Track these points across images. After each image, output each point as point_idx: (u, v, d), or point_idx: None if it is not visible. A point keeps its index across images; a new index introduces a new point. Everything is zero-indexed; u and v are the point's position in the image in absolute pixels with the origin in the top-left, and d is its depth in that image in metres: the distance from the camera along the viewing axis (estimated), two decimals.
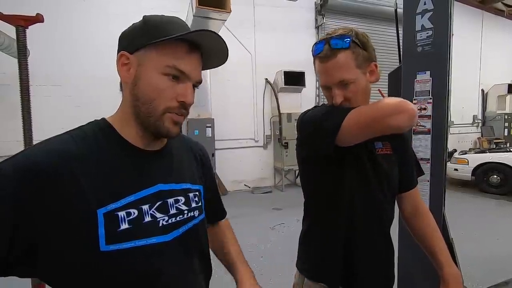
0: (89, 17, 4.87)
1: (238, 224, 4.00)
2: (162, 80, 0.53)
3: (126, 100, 0.57)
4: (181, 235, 0.59)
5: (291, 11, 6.45)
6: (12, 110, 4.33)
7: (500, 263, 2.78)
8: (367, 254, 0.88)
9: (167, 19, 0.56)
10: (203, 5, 3.67)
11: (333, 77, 0.80)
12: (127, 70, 0.55)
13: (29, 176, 0.44)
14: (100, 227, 0.47)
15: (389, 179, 0.90)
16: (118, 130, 0.56)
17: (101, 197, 0.49)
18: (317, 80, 6.83)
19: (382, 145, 0.91)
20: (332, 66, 0.79)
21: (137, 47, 0.54)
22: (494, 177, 5.35)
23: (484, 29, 9.49)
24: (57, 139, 0.51)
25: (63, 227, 0.46)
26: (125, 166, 0.54)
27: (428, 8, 1.47)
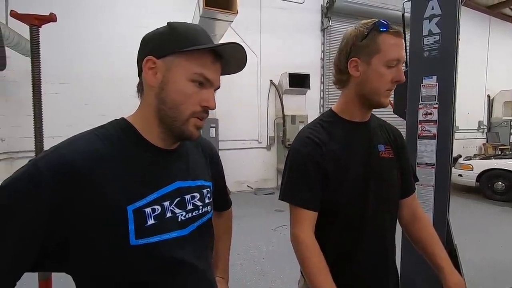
0: (98, 17, 4.92)
1: (241, 225, 4.01)
2: (189, 86, 0.56)
3: (149, 103, 0.58)
4: (197, 229, 0.64)
5: (297, 13, 6.46)
6: (20, 107, 4.39)
7: (504, 270, 2.76)
8: (370, 259, 0.88)
9: (193, 28, 0.58)
10: (210, 6, 3.69)
11: (403, 52, 0.83)
12: (153, 74, 0.56)
13: (65, 176, 0.47)
14: (130, 223, 0.51)
15: (392, 182, 0.90)
16: (139, 130, 0.59)
17: (129, 195, 0.52)
18: (322, 83, 6.84)
19: (384, 148, 0.91)
20: (402, 43, 0.82)
21: (166, 53, 0.56)
22: (499, 184, 5.29)
23: (491, 35, 9.42)
24: (85, 139, 0.53)
25: (96, 224, 0.49)
26: (148, 165, 0.57)
27: (435, 13, 1.47)
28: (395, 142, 0.95)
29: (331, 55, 6.85)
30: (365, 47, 0.81)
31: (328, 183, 0.84)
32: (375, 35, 0.80)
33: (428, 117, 1.53)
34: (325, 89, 6.88)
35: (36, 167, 0.46)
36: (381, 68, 0.80)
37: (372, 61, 0.81)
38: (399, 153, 0.95)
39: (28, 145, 2.83)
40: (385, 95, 0.84)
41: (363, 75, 0.83)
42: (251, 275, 2.71)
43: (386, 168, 0.90)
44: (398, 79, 0.81)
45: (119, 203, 0.51)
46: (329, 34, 6.79)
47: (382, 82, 0.81)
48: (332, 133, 0.88)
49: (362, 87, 0.85)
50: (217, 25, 4.16)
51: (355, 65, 0.84)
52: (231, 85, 5.86)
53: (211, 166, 0.77)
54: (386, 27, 0.80)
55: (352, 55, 0.83)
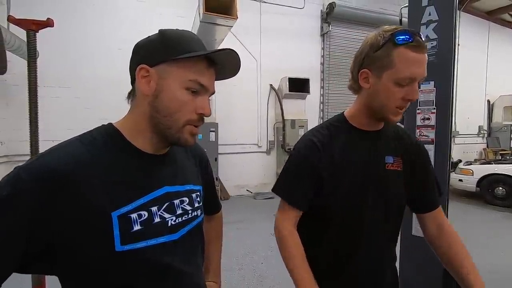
0: (99, 21, 4.97)
1: (240, 230, 3.99)
2: (184, 93, 0.56)
3: (142, 110, 0.58)
4: (187, 234, 0.63)
5: (297, 18, 6.51)
6: (21, 110, 4.40)
7: (504, 276, 2.73)
8: (363, 270, 0.87)
9: (186, 35, 0.58)
10: (210, 11, 3.72)
11: (423, 70, 0.73)
12: (147, 82, 0.56)
13: (46, 182, 0.47)
14: (115, 229, 0.51)
15: (395, 195, 0.87)
16: (127, 136, 0.58)
17: (114, 201, 0.52)
18: (322, 87, 6.86)
19: (393, 160, 0.86)
20: (424, 58, 0.73)
21: (158, 61, 0.55)
22: (500, 189, 5.26)
23: (491, 40, 9.47)
24: (69, 145, 0.53)
25: (81, 230, 0.49)
26: (134, 170, 0.57)
27: (432, 19, 1.48)
28: (410, 155, 0.89)
29: (331, 60, 6.89)
30: (377, 59, 0.75)
31: (323, 187, 0.84)
32: (391, 48, 0.73)
33: (426, 122, 1.53)
34: (325, 93, 6.90)
35: (18, 175, 0.46)
36: (391, 85, 0.74)
37: (383, 76, 0.75)
38: (414, 167, 0.89)
39: (28, 148, 2.85)
40: (393, 112, 0.77)
41: (372, 88, 0.79)
42: (250, 280, 2.69)
43: (391, 181, 0.86)
44: (410, 99, 0.75)
45: (103, 209, 0.50)
46: (328, 39, 6.83)
47: (391, 100, 0.76)
48: (336, 138, 0.87)
49: (371, 100, 0.81)
50: (217, 30, 4.18)
51: (366, 77, 0.79)
52: (231, 90, 5.88)
53: (200, 170, 0.77)
54: (405, 39, 0.72)
55: (364, 65, 0.79)
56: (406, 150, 0.90)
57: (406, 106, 0.78)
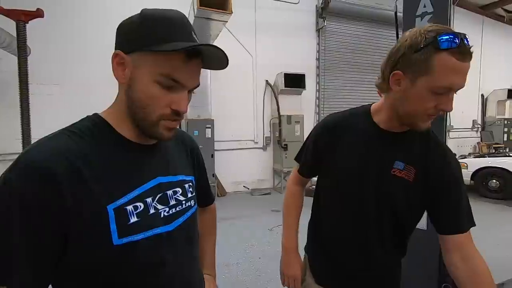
0: (91, 17, 4.89)
1: (237, 225, 4.00)
2: (154, 87, 0.51)
3: (121, 99, 0.55)
4: (181, 224, 0.62)
5: (292, 13, 6.47)
6: (11, 109, 4.33)
7: (497, 267, 2.77)
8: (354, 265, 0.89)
9: (167, 18, 0.52)
10: (204, 6, 3.68)
11: (464, 80, 0.67)
12: (122, 70, 0.53)
13: (35, 180, 0.44)
14: (112, 223, 0.49)
15: (391, 204, 0.82)
16: (114, 126, 0.56)
17: (109, 193, 0.50)
18: (318, 83, 6.85)
19: (403, 167, 0.79)
20: (466, 68, 0.66)
21: (133, 49, 0.51)
22: (493, 182, 5.34)
23: (484, 35, 9.52)
24: (54, 139, 0.50)
25: (77, 225, 0.47)
26: (126, 161, 0.55)
27: (427, 10, 1.48)
28: (430, 165, 0.79)
29: (327, 55, 6.88)
30: (415, 62, 0.67)
31: (323, 167, 0.93)
32: (432, 52, 0.64)
33: None
34: (321, 89, 6.90)
35: (8, 180, 0.44)
36: (425, 92, 0.67)
37: (417, 81, 0.68)
38: (433, 180, 0.79)
39: (19, 146, 2.81)
40: (423, 119, 0.71)
41: (404, 92, 0.72)
42: (247, 275, 2.70)
43: (391, 187, 0.80)
44: (444, 108, 0.68)
45: (98, 203, 0.48)
46: (324, 34, 6.81)
47: (423, 108, 0.69)
48: (353, 126, 0.87)
49: (399, 104, 0.74)
50: (211, 25, 4.15)
51: (398, 79, 0.72)
52: (227, 86, 5.85)
53: (192, 160, 0.76)
54: (449, 44, 0.63)
55: (399, 66, 0.71)
56: (428, 161, 0.80)
57: (437, 114, 0.71)
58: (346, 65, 7.02)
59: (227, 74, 5.74)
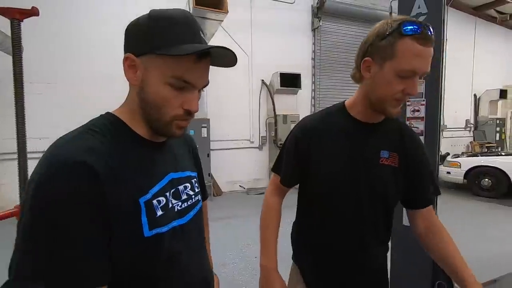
0: (84, 15, 4.83)
1: (233, 225, 4.00)
2: (167, 89, 0.53)
3: (134, 100, 0.57)
4: (193, 218, 0.66)
5: (288, 13, 6.48)
6: (4, 107, 4.27)
7: (491, 264, 2.82)
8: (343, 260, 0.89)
9: (176, 21, 0.52)
10: (200, 5, 3.67)
11: (427, 64, 0.71)
12: (134, 72, 0.54)
13: (86, 175, 0.45)
14: (143, 216, 0.52)
15: (385, 192, 0.86)
16: (129, 124, 0.57)
17: (138, 188, 0.53)
18: (313, 82, 6.88)
19: (388, 155, 0.85)
20: (429, 53, 0.70)
21: (144, 52, 0.52)
22: (486, 181, 5.42)
23: (477, 36, 9.66)
24: (79, 137, 0.50)
25: (115, 219, 0.48)
26: (145, 158, 0.57)
27: (422, 11, 1.49)
28: (406, 150, 0.87)
29: (322, 55, 6.90)
30: (381, 48, 0.73)
31: (309, 171, 0.88)
32: (397, 37, 0.70)
33: (415, 114, 1.55)
34: (316, 88, 6.92)
35: (47, 178, 0.44)
36: (391, 76, 0.72)
37: (384, 66, 0.73)
38: (410, 165, 0.87)
39: (13, 146, 2.77)
40: (392, 104, 0.76)
41: (373, 77, 0.77)
42: (243, 274, 2.70)
43: (383, 176, 0.84)
44: (409, 92, 0.73)
45: (132, 197, 0.51)
46: (319, 34, 6.83)
47: (391, 91, 0.74)
48: (332, 126, 0.87)
49: (371, 90, 0.79)
50: (207, 24, 4.14)
51: (368, 66, 0.78)
52: (223, 85, 5.84)
53: (194, 158, 0.79)
54: (412, 30, 0.68)
55: (368, 54, 0.77)
56: (405, 147, 0.87)
57: (404, 99, 0.76)
58: (342, 65, 7.04)
59: (223, 74, 5.73)
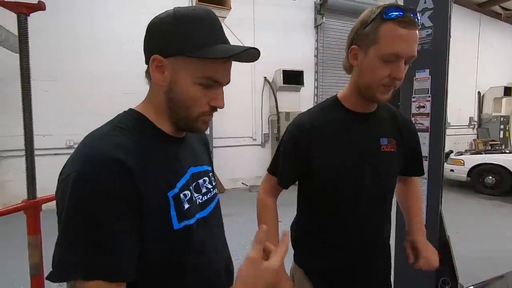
0: (89, 12, 4.84)
1: (235, 222, 4.00)
2: (196, 89, 0.55)
3: (159, 99, 0.58)
4: (213, 210, 0.68)
5: (291, 10, 6.45)
6: (8, 105, 4.29)
7: (494, 261, 2.82)
8: (357, 250, 0.88)
9: (203, 21, 0.53)
10: (203, 2, 3.66)
11: (411, 48, 0.71)
12: (161, 73, 0.55)
13: (121, 171, 0.47)
14: (172, 209, 0.54)
15: (390, 177, 0.90)
16: (153, 121, 0.59)
17: (166, 183, 0.55)
18: (316, 79, 6.85)
19: (387, 142, 0.87)
20: (413, 36, 0.71)
21: (173, 53, 0.53)
22: (489, 178, 5.40)
23: (481, 32, 9.56)
24: (108, 135, 0.52)
25: (146, 213, 0.50)
26: (169, 153, 0.59)
27: (428, 6, 1.48)
28: (402, 134, 0.92)
29: (325, 52, 6.87)
30: (365, 35, 0.75)
31: (314, 169, 0.86)
32: (379, 23, 0.72)
33: (421, 110, 1.54)
34: (319, 85, 6.90)
35: (84, 173, 0.46)
36: (375, 61, 0.73)
37: (369, 52, 0.74)
38: (406, 145, 0.92)
39: (17, 143, 2.79)
40: (380, 90, 0.76)
41: (360, 65, 0.78)
42: None
43: (385, 162, 0.87)
44: (395, 77, 0.73)
45: (161, 191, 0.53)
46: (322, 31, 6.80)
47: (376, 77, 0.74)
48: (328, 119, 0.87)
49: (359, 78, 0.80)
50: None
51: (355, 54, 0.79)
52: None
53: (207, 153, 0.81)
54: (393, 14, 0.70)
55: (354, 42, 0.79)
56: (400, 132, 0.92)
57: (392, 84, 0.76)
58: None
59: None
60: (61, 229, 0.46)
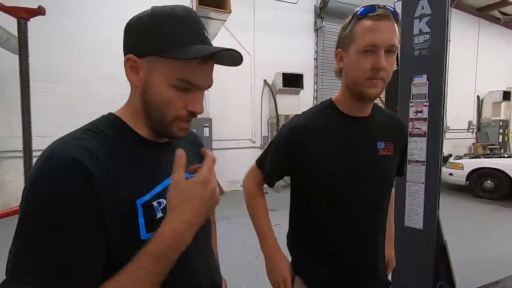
0: (89, 13, 4.86)
1: (234, 224, 4.00)
2: (171, 91, 0.52)
3: (136, 101, 0.56)
4: None
5: (291, 13, 6.48)
6: (8, 106, 4.30)
7: (492, 265, 2.81)
8: (357, 254, 0.88)
9: (179, 18, 0.51)
10: (203, 5, 3.67)
11: (388, 37, 0.74)
12: (136, 73, 0.53)
13: (80, 173, 0.45)
14: (140, 217, 0.50)
15: (388, 180, 0.91)
16: (130, 125, 0.57)
17: (136, 189, 0.51)
18: (315, 82, 6.87)
19: (384, 146, 0.88)
20: (387, 26, 0.74)
21: (147, 53, 0.51)
22: (488, 182, 5.40)
23: (481, 37, 9.61)
24: (78, 137, 0.50)
25: (109, 219, 0.47)
26: (146, 159, 0.56)
27: (426, 12, 1.49)
28: (397, 137, 0.93)
29: (325, 55, 6.90)
30: (345, 37, 0.80)
31: (308, 170, 0.86)
32: (355, 23, 0.78)
33: (418, 115, 1.55)
34: (319, 89, 6.92)
35: (42, 175, 0.44)
36: (356, 56, 0.77)
37: (350, 50, 0.79)
38: (400, 147, 0.95)
39: (16, 144, 2.79)
40: (366, 84, 0.78)
41: (345, 65, 0.83)
42: (244, 274, 2.71)
43: (383, 166, 0.88)
44: (377, 66, 0.75)
45: (128, 198, 0.50)
46: (322, 35, 6.83)
47: (359, 70, 0.77)
48: (323, 122, 0.87)
49: (346, 78, 0.84)
50: (210, 24, 4.14)
51: (340, 56, 0.84)
52: (225, 85, 5.85)
53: (199, 158, 0.76)
54: (364, 12, 0.75)
55: (339, 46, 0.84)
56: (395, 134, 0.93)
57: (377, 76, 0.77)
58: None
59: (225, 73, 5.73)
60: (16, 232, 0.43)
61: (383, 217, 0.92)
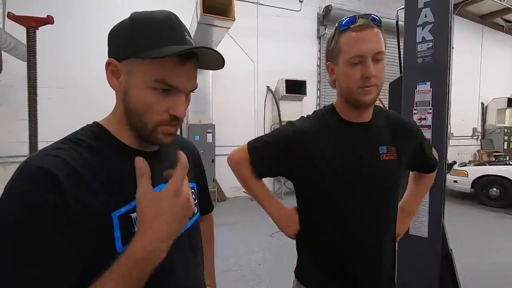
0: (95, 20, 4.94)
1: (237, 231, 3.98)
2: (150, 94, 0.50)
3: (119, 107, 0.55)
4: (186, 231, 0.61)
5: (294, 21, 6.55)
6: (16, 112, 4.36)
7: (498, 275, 2.76)
8: (363, 263, 0.86)
9: (157, 21, 0.51)
10: (207, 13, 3.73)
11: (372, 45, 0.76)
12: (116, 77, 0.53)
13: (49, 185, 0.43)
14: (116, 230, 0.49)
15: (389, 186, 0.88)
16: (114, 133, 0.55)
17: (113, 201, 0.50)
18: (318, 89, 6.90)
19: (386, 150, 0.87)
20: (370, 35, 0.77)
21: (125, 56, 0.51)
22: (494, 190, 5.33)
23: (484, 44, 9.62)
24: (56, 148, 0.49)
25: (82, 231, 0.46)
26: (128, 169, 0.52)
27: (428, 20, 1.50)
28: (400, 140, 0.90)
29: None
30: (332, 50, 0.84)
31: (306, 173, 0.87)
32: (338, 36, 0.81)
33: (422, 123, 1.55)
34: (322, 95, 6.94)
35: (13, 188, 0.43)
36: (345, 67, 0.80)
37: (338, 62, 0.82)
38: (407, 150, 0.91)
39: (20, 149, 2.82)
40: (359, 93, 0.80)
41: (336, 77, 0.86)
42: (247, 281, 2.68)
43: (385, 172, 0.86)
44: (366, 75, 0.77)
45: (103, 210, 0.48)
46: (325, 42, 6.86)
47: (350, 81, 0.80)
48: (325, 126, 0.88)
49: (339, 88, 0.87)
50: (214, 31, 4.20)
51: (331, 69, 0.87)
52: (228, 91, 5.89)
53: (193, 167, 0.74)
54: (345, 25, 0.78)
55: (328, 59, 0.88)
56: (398, 138, 0.90)
57: (368, 84, 0.78)
58: None
59: (228, 79, 5.79)
60: None
61: (386, 225, 0.89)
